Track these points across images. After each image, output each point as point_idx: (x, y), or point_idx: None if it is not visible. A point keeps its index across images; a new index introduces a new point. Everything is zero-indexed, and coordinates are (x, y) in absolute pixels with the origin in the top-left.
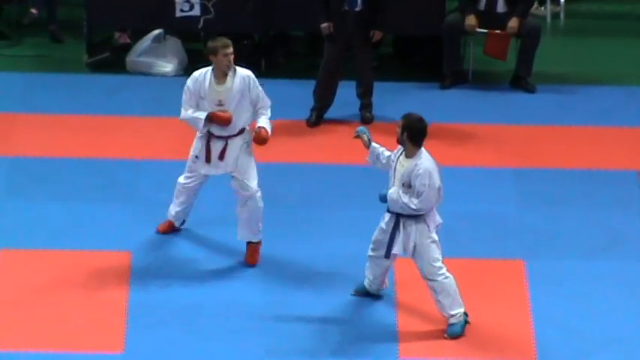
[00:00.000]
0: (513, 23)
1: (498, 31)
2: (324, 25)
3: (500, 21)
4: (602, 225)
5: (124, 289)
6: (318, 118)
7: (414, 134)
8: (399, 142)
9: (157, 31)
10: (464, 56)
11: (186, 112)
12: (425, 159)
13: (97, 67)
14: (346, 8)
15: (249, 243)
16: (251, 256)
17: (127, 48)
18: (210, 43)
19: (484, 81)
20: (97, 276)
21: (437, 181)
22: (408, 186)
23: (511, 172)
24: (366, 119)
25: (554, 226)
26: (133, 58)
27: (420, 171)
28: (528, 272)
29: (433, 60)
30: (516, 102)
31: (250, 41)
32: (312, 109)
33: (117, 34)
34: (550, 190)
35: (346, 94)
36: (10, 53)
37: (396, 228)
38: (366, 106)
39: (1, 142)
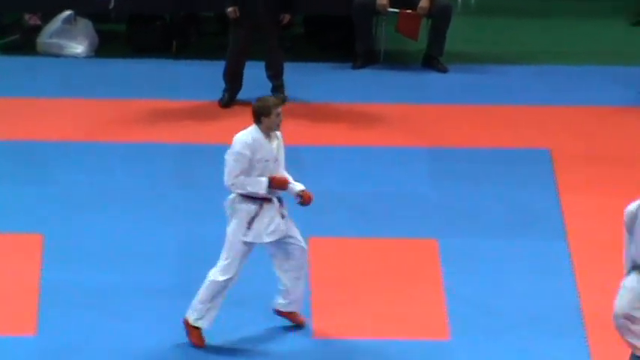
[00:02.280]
0: (424, 3)
1: (409, 11)
2: (229, 9)
3: (411, 0)
4: (515, 203)
5: (37, 271)
6: (230, 99)
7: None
8: None
9: (67, 13)
10: (375, 36)
11: (238, 179)
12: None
13: (7, 49)
14: None
15: None
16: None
17: (37, 29)
18: (260, 104)
19: (396, 61)
20: (9, 258)
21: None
22: None
23: (424, 152)
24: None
25: (468, 204)
26: (43, 39)
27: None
28: (442, 251)
29: (345, 40)
30: (428, 81)
31: (162, 22)
32: (224, 91)
33: (27, 16)
34: (463, 169)
35: (259, 75)
36: None
37: None
38: (277, 87)
39: None
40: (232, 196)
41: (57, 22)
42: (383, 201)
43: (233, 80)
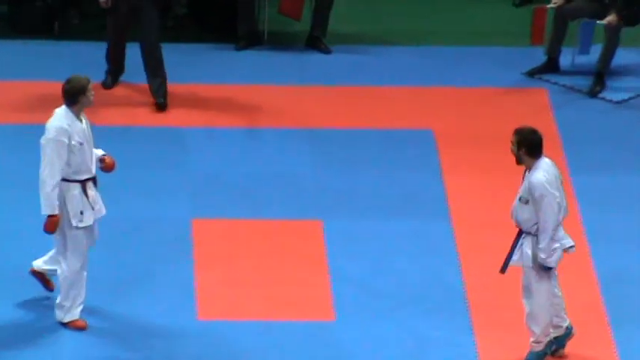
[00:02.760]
0: None
1: None
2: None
3: None
4: (399, 184)
5: None
6: (113, 81)
7: (532, 148)
8: (518, 161)
9: None
10: (258, 17)
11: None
12: (540, 171)
13: None
14: None
15: None
16: None
17: None
18: (76, 84)
19: (279, 42)
20: None
21: (553, 192)
22: (524, 202)
23: (307, 133)
24: (163, 106)
25: (352, 186)
26: None
27: (534, 185)
28: (326, 232)
29: (228, 21)
30: (311, 62)
31: (43, 3)
32: (107, 72)
33: None
34: (346, 150)
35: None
36: None
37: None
38: (157, 89)
39: None
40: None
41: None
42: (266, 182)
43: (115, 61)
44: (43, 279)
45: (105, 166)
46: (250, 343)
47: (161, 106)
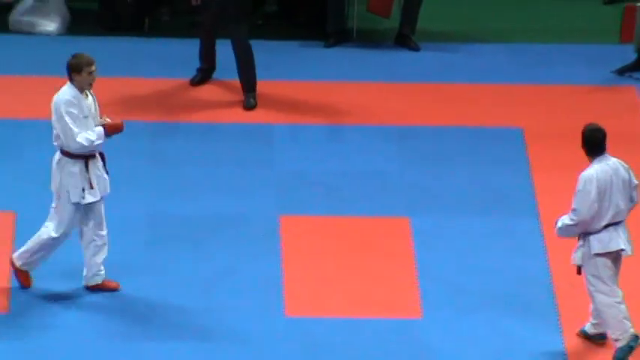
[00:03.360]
0: None
1: None
2: None
3: None
4: (486, 182)
5: (8, 249)
6: (202, 79)
7: (590, 144)
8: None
9: None
10: (348, 14)
11: (85, 135)
12: (594, 167)
13: None
14: None
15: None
16: None
17: (9, 7)
18: (73, 60)
19: (368, 39)
20: None
21: (592, 189)
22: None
23: (394, 130)
24: (249, 105)
25: (439, 183)
26: (15, 17)
27: (579, 178)
28: (413, 229)
29: (317, 18)
30: (400, 60)
31: (133, 0)
32: (198, 69)
33: None
34: (434, 147)
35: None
36: None
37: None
38: (244, 87)
39: None
40: (59, 156)
41: (29, 0)
42: (354, 179)
43: (206, 60)
44: (104, 286)
45: (108, 126)
46: (337, 340)
47: (250, 105)
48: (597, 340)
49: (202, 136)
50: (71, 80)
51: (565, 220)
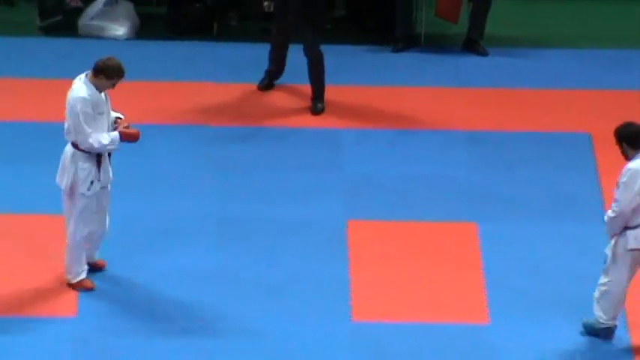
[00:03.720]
0: None
1: None
2: (265, 3)
3: None
4: (554, 187)
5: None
6: (269, 81)
7: (631, 140)
8: (626, 157)
9: None
10: (416, 19)
11: (98, 137)
12: (638, 161)
13: (49, 31)
14: None
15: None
16: None
17: (79, 11)
18: (111, 63)
19: (436, 44)
20: (42, 239)
21: (636, 182)
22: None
23: (463, 135)
24: (315, 110)
25: (507, 188)
26: (85, 21)
27: (624, 170)
28: (481, 234)
29: (385, 23)
30: (468, 65)
31: (202, 4)
32: (266, 71)
33: None
34: (502, 152)
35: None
36: None
37: None
38: (313, 93)
39: None
40: (71, 150)
41: (98, 4)
42: (422, 184)
43: (275, 63)
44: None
45: (124, 134)
46: (404, 345)
47: (318, 111)
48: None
49: (271, 141)
50: (94, 77)
51: (609, 213)
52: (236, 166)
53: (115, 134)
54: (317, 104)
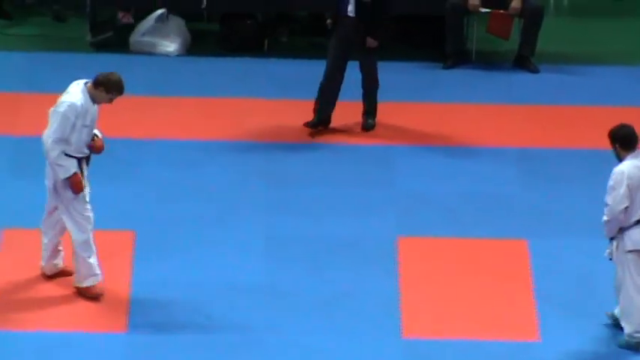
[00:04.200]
0: (516, 4)
1: (501, 11)
2: (328, 20)
3: (503, 0)
4: (604, 204)
5: (128, 267)
6: (319, 122)
7: (624, 141)
8: (619, 158)
9: (160, 11)
10: (467, 36)
11: (59, 148)
12: (625, 163)
13: (100, 47)
14: (340, 14)
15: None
16: None
17: (130, 27)
18: (113, 78)
19: (487, 61)
20: (101, 255)
21: (623, 186)
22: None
23: (514, 152)
24: (367, 127)
25: (557, 205)
26: (136, 37)
27: (613, 172)
28: (531, 251)
29: (436, 39)
30: (519, 81)
31: (253, 21)
32: (316, 111)
33: (120, 14)
34: (553, 169)
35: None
36: (13, 32)
37: None
38: (366, 111)
39: (5, 121)
40: (57, 152)
41: (150, 20)
42: (472, 201)
43: (323, 98)
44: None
45: (94, 145)
46: None
47: (369, 127)
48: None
49: (321, 157)
50: (93, 88)
51: (603, 217)
52: (286, 181)
53: (74, 163)
54: (368, 120)
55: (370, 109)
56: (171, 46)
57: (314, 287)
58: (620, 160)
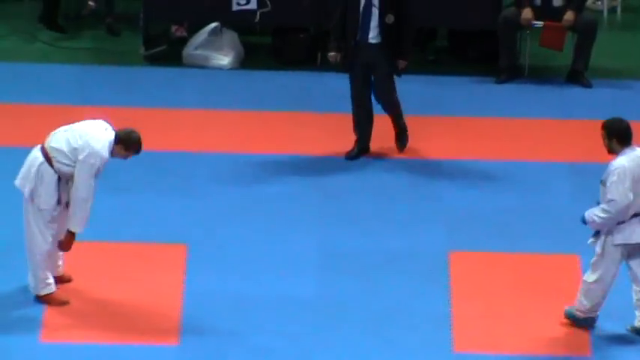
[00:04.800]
0: (569, 16)
1: (554, 23)
2: (330, 54)
3: (556, 14)
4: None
5: (180, 281)
6: (359, 152)
7: (621, 136)
8: (609, 151)
9: (213, 25)
10: (520, 51)
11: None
12: (624, 158)
13: (154, 60)
14: (358, 40)
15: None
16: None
17: (183, 41)
18: (134, 135)
19: (540, 75)
20: (153, 268)
21: (628, 180)
22: (604, 184)
23: (566, 166)
24: (401, 149)
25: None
26: (189, 51)
27: (612, 167)
28: (583, 266)
29: (489, 54)
30: (572, 96)
31: (306, 35)
32: (356, 141)
33: (173, 27)
34: None
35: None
36: (67, 46)
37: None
38: (397, 134)
39: None
40: (41, 159)
41: (203, 34)
42: (524, 215)
43: (361, 132)
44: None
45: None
46: None
47: (403, 148)
48: None
49: (373, 170)
50: (115, 142)
51: (600, 213)
52: (338, 195)
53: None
54: (402, 142)
55: (402, 131)
56: (224, 59)
57: (365, 301)
58: (613, 153)
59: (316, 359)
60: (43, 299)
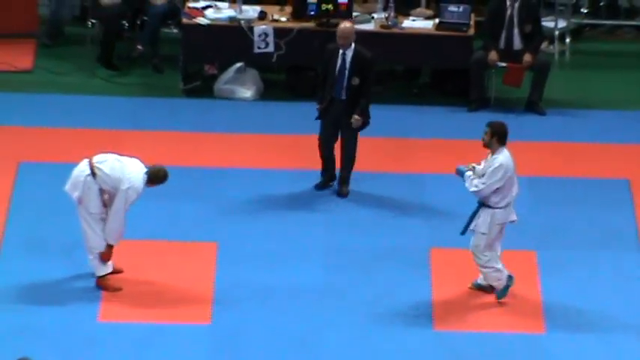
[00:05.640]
0: (528, 58)
1: (515, 64)
2: (318, 106)
3: (516, 56)
4: (597, 222)
5: (212, 272)
6: (325, 182)
7: (501, 137)
8: (486, 145)
9: (238, 64)
10: (487, 85)
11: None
12: (503, 154)
13: (191, 93)
14: (334, 95)
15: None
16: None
17: (214, 77)
18: (162, 174)
19: (503, 105)
20: (189, 262)
21: (501, 173)
22: (481, 175)
23: (525, 180)
24: (342, 193)
25: (561, 223)
26: (219, 85)
27: (494, 161)
28: (539, 261)
29: (462, 88)
30: (529, 122)
31: (315, 73)
32: (322, 173)
33: (206, 66)
34: (556, 194)
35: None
36: (119, 81)
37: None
38: (342, 180)
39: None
40: (88, 172)
41: (230, 71)
42: None
43: (325, 163)
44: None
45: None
46: (479, 351)
47: (343, 194)
48: (488, 290)
49: (369, 184)
50: (146, 178)
51: (476, 182)
52: (340, 203)
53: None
54: (343, 188)
55: (346, 179)
56: (247, 92)
57: (361, 288)
58: (489, 148)
59: (322, 335)
60: (100, 284)
